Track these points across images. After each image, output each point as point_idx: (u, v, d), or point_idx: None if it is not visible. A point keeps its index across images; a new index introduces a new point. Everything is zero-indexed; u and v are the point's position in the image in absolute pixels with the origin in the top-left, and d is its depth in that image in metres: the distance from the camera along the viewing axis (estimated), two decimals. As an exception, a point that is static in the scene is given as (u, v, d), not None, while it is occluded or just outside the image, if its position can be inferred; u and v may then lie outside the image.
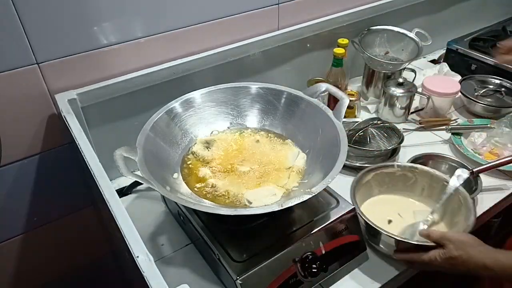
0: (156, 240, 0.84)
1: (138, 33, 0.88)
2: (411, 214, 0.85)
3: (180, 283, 0.49)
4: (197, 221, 0.76)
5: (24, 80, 0.79)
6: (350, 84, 1.29)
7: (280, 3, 1.06)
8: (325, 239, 0.73)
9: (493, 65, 1.26)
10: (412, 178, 0.88)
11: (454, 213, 0.81)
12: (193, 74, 0.96)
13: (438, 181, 0.85)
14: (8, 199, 0.90)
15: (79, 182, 0.97)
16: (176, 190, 0.71)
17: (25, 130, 0.85)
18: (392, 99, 1.13)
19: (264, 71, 1.10)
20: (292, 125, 0.84)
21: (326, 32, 1.15)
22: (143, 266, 0.51)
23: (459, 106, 1.24)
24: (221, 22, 0.98)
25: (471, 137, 1.08)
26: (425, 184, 0.87)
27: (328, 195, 0.79)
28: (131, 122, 0.91)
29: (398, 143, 0.99)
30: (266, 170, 0.77)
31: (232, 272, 0.66)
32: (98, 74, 0.87)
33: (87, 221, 1.04)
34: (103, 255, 1.14)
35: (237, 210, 0.63)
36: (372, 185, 0.88)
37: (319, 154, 0.77)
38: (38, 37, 0.77)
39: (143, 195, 0.96)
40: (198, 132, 0.84)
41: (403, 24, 1.26)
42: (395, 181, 0.89)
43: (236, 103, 0.86)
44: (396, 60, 1.22)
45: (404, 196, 0.89)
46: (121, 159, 0.64)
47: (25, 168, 0.88)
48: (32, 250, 1.00)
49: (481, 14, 1.56)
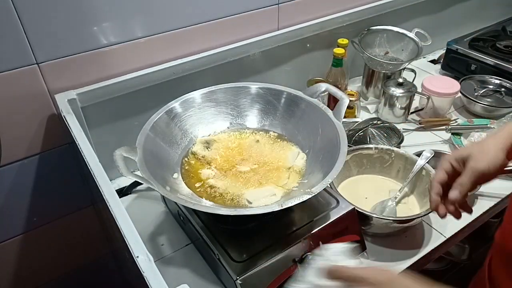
0: (156, 240, 0.84)
1: (138, 33, 0.88)
2: (387, 192, 0.90)
3: (180, 283, 0.49)
4: (197, 221, 0.75)
5: (24, 80, 0.79)
6: (350, 84, 1.29)
7: (280, 3, 1.06)
8: (325, 239, 0.73)
9: (493, 65, 1.27)
10: (388, 160, 0.93)
11: (424, 193, 0.86)
12: (193, 74, 0.96)
13: (412, 163, 0.90)
14: (8, 199, 0.90)
15: (79, 182, 0.97)
16: (176, 190, 0.71)
17: (25, 130, 0.85)
18: (392, 99, 1.13)
19: (264, 71, 1.10)
20: (292, 125, 0.84)
21: (326, 32, 1.15)
22: (143, 266, 0.51)
23: (459, 106, 1.24)
24: (221, 22, 0.98)
25: (471, 137, 1.08)
26: (400, 166, 0.92)
27: (328, 195, 0.79)
28: (131, 122, 0.91)
29: (398, 143, 0.99)
30: (266, 170, 0.77)
31: (232, 272, 0.66)
32: (98, 74, 0.87)
33: (87, 221, 1.04)
34: (103, 255, 1.14)
35: (237, 210, 0.63)
36: (351, 165, 0.94)
37: (319, 154, 0.77)
38: (38, 37, 0.77)
39: (143, 195, 0.96)
40: (198, 132, 0.84)
41: (403, 24, 1.26)
42: (373, 162, 0.94)
43: (236, 103, 0.86)
44: (396, 60, 1.22)
45: (381, 176, 0.95)
46: (121, 159, 0.64)
47: (25, 168, 0.88)
48: (32, 250, 1.00)
49: (481, 14, 1.56)
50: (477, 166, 0.60)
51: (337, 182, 0.89)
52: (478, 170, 0.60)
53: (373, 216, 0.79)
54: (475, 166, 0.60)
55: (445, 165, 0.63)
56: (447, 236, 0.84)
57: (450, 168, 0.63)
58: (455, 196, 0.60)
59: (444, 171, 0.63)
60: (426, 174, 0.87)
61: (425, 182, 0.87)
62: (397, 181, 0.93)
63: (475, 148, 0.62)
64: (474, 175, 0.60)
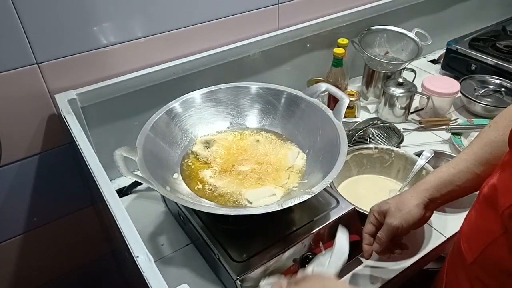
0: (156, 240, 0.84)
1: (138, 33, 0.88)
2: (387, 192, 0.90)
3: (180, 283, 0.49)
4: (197, 221, 0.75)
5: (24, 80, 0.79)
6: (350, 84, 1.29)
7: (280, 3, 1.06)
8: (325, 239, 0.73)
9: (493, 65, 1.27)
10: (388, 160, 0.93)
11: None
12: (193, 74, 0.96)
13: (412, 163, 0.90)
14: (8, 199, 0.90)
15: (79, 182, 0.97)
16: (176, 190, 0.71)
17: (25, 130, 0.85)
18: (392, 99, 1.13)
19: (264, 71, 1.10)
20: (292, 125, 0.84)
21: (326, 32, 1.15)
22: (143, 266, 0.51)
23: (459, 106, 1.24)
24: (221, 22, 0.98)
25: (471, 137, 1.08)
26: (400, 166, 0.92)
27: (328, 195, 0.79)
28: (131, 122, 0.91)
29: (398, 143, 0.99)
30: (266, 170, 0.77)
31: (232, 272, 0.66)
32: (98, 74, 0.87)
33: (87, 221, 1.04)
34: (103, 255, 1.14)
35: (237, 210, 0.63)
36: (351, 165, 0.94)
37: (319, 154, 0.77)
38: (38, 37, 0.77)
39: (143, 195, 0.96)
40: (198, 132, 0.84)
41: (403, 24, 1.26)
42: (373, 162, 0.94)
43: (236, 103, 0.86)
44: (396, 60, 1.22)
45: (381, 176, 0.95)
46: (121, 159, 0.64)
47: (25, 168, 0.88)
48: (32, 250, 1.00)
49: (481, 14, 1.56)
50: (391, 223, 0.66)
51: (337, 182, 0.89)
52: (392, 226, 0.66)
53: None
54: (389, 223, 0.66)
55: (371, 218, 0.70)
56: (447, 236, 0.84)
57: (375, 220, 0.70)
58: (376, 249, 0.68)
59: (371, 224, 0.70)
60: (426, 174, 0.87)
61: None
62: (397, 181, 0.93)
63: (393, 203, 0.67)
64: (389, 231, 0.66)
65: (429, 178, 0.67)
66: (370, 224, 0.70)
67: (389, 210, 0.67)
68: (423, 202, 0.66)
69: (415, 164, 0.88)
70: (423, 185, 0.67)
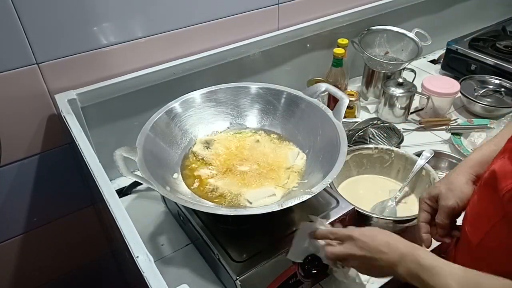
0: (156, 240, 0.84)
1: (138, 33, 0.88)
2: (387, 192, 0.90)
3: (180, 283, 0.49)
4: (197, 221, 0.76)
5: (24, 80, 0.79)
6: (350, 84, 1.29)
7: (280, 3, 1.06)
8: (325, 239, 0.73)
9: (493, 65, 1.26)
10: (388, 160, 0.93)
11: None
12: (193, 74, 0.96)
13: (412, 163, 0.89)
14: (8, 199, 0.90)
15: (79, 182, 0.97)
16: (176, 190, 0.71)
17: (25, 130, 0.85)
18: (392, 99, 1.13)
19: (264, 71, 1.10)
20: (292, 125, 0.84)
21: (326, 32, 1.15)
22: (143, 266, 0.51)
23: (459, 106, 1.24)
24: (221, 22, 0.98)
25: (471, 137, 1.08)
26: (400, 166, 0.92)
27: (328, 195, 0.79)
28: (131, 122, 0.91)
29: (398, 143, 0.99)
30: (266, 170, 0.77)
31: (232, 272, 0.66)
32: (98, 74, 0.87)
33: (87, 221, 1.04)
34: (103, 255, 1.14)
35: (237, 210, 0.63)
36: (351, 165, 0.93)
37: (318, 154, 0.77)
38: (37, 37, 0.77)
39: (143, 195, 0.96)
40: (198, 132, 0.84)
41: (403, 24, 1.26)
42: (373, 162, 0.94)
43: (236, 103, 0.86)
44: (396, 60, 1.22)
45: (381, 176, 0.94)
46: (121, 159, 0.65)
47: (25, 168, 0.88)
48: (32, 250, 1.00)
49: (481, 14, 1.56)
50: (446, 204, 0.65)
51: (337, 182, 0.89)
52: (448, 207, 0.64)
53: (373, 216, 0.79)
54: (445, 204, 0.65)
55: (423, 206, 0.69)
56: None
57: (428, 207, 0.68)
58: (440, 234, 0.67)
59: (425, 211, 0.69)
60: (426, 174, 0.87)
61: (425, 182, 0.87)
62: (397, 181, 0.93)
63: (443, 186, 0.67)
64: (446, 213, 0.65)
65: (472, 156, 0.68)
66: (424, 212, 0.68)
67: (440, 193, 0.66)
68: (471, 179, 0.66)
69: (415, 164, 0.88)
70: (468, 162, 0.68)
